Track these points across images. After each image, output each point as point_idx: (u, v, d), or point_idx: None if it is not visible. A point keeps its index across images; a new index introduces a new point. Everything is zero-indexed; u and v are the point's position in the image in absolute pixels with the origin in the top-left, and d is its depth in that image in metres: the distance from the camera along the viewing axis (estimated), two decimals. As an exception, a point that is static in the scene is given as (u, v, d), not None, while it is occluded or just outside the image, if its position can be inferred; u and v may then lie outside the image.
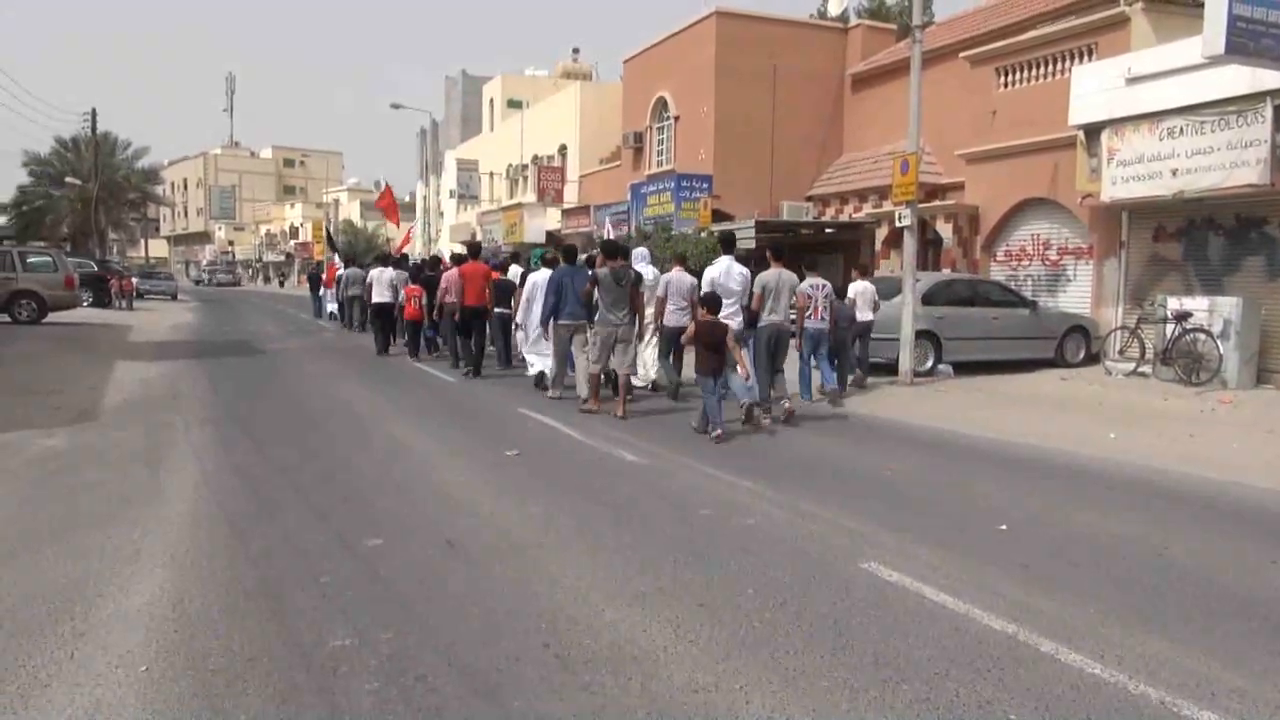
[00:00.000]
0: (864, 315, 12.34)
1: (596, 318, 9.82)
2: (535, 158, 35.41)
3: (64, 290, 21.55)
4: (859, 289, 12.60)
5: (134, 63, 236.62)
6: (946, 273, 16.81)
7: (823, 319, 10.62)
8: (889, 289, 13.89)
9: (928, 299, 13.40)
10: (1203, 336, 12.21)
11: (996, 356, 14.01)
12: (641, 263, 11.14)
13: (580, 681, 3.36)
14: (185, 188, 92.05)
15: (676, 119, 25.22)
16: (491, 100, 44.12)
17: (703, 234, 19.40)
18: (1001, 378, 13.41)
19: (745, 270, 9.68)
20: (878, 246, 20.33)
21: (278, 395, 11.11)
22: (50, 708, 3.13)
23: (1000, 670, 3.49)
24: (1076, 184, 14.75)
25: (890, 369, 13.04)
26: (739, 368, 8.57)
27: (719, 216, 21.56)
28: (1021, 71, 16.38)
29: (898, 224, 14.10)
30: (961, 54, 17.91)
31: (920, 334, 12.97)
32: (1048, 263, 16.28)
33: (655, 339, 11.02)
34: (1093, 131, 14.22)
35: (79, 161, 50.54)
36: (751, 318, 9.60)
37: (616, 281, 9.54)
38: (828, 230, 22.67)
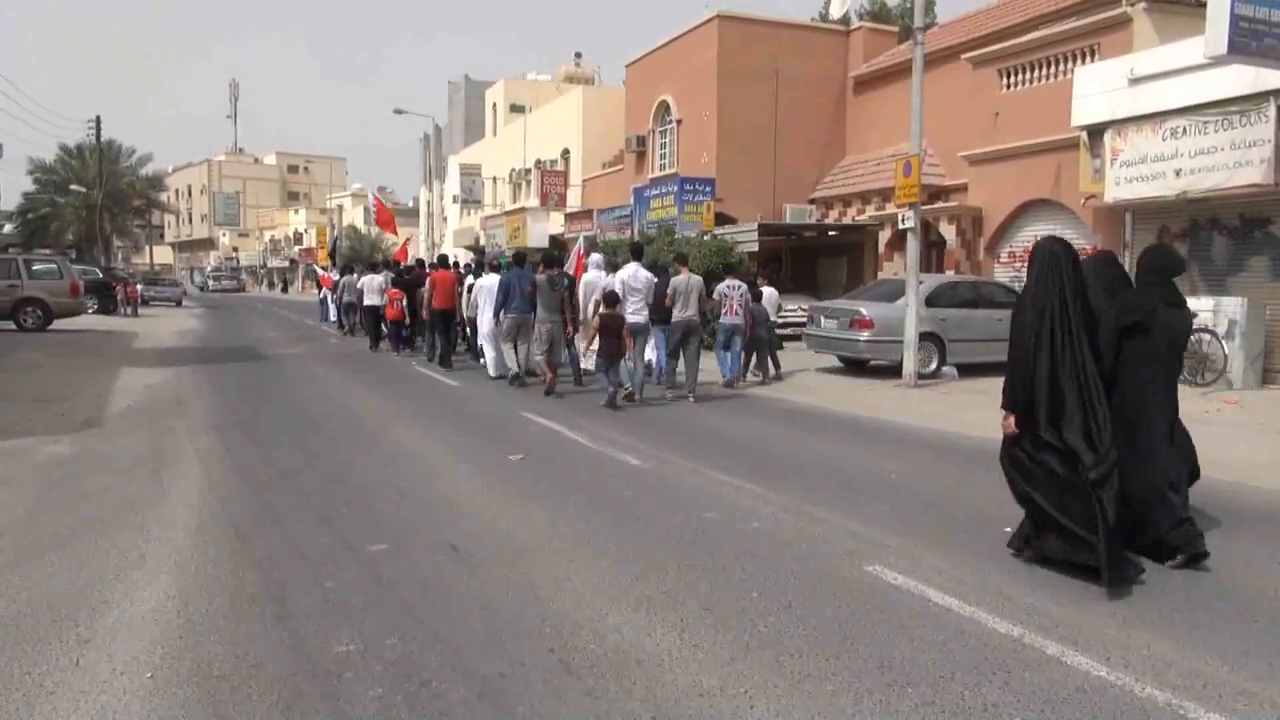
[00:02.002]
0: (773, 316, 13.77)
1: (536, 316, 11.52)
2: (538, 162, 35.44)
3: (69, 297, 21.61)
4: (770, 294, 14.00)
5: (138, 70, 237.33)
6: (950, 274, 16.77)
7: (737, 314, 12.34)
8: (892, 291, 13.88)
9: (931, 301, 13.38)
10: (1208, 337, 12.18)
11: (1001, 358, 13.89)
12: (594, 269, 12.47)
13: (584, 686, 3.36)
14: (189, 194, 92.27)
15: (679, 122, 25.25)
16: (494, 105, 44.20)
17: (706, 237, 19.40)
18: (1006, 379, 13.35)
19: (649, 274, 11.38)
20: (881, 249, 20.33)
21: (281, 400, 11.13)
22: (55, 715, 3.14)
23: (1006, 673, 3.48)
24: (1080, 185, 14.72)
25: (895, 371, 13.03)
26: (629, 354, 10.60)
27: (721, 219, 21.57)
28: (1024, 73, 16.37)
29: (901, 226, 14.10)
30: (964, 56, 17.90)
31: (924, 336, 12.95)
32: (1051, 264, 16.22)
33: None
34: (1096, 132, 14.20)
35: (83, 169, 50.75)
36: (665, 314, 11.27)
37: (551, 286, 11.30)
38: (831, 233, 22.68)
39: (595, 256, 12.99)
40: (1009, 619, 4.00)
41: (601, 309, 10.49)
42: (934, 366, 13.40)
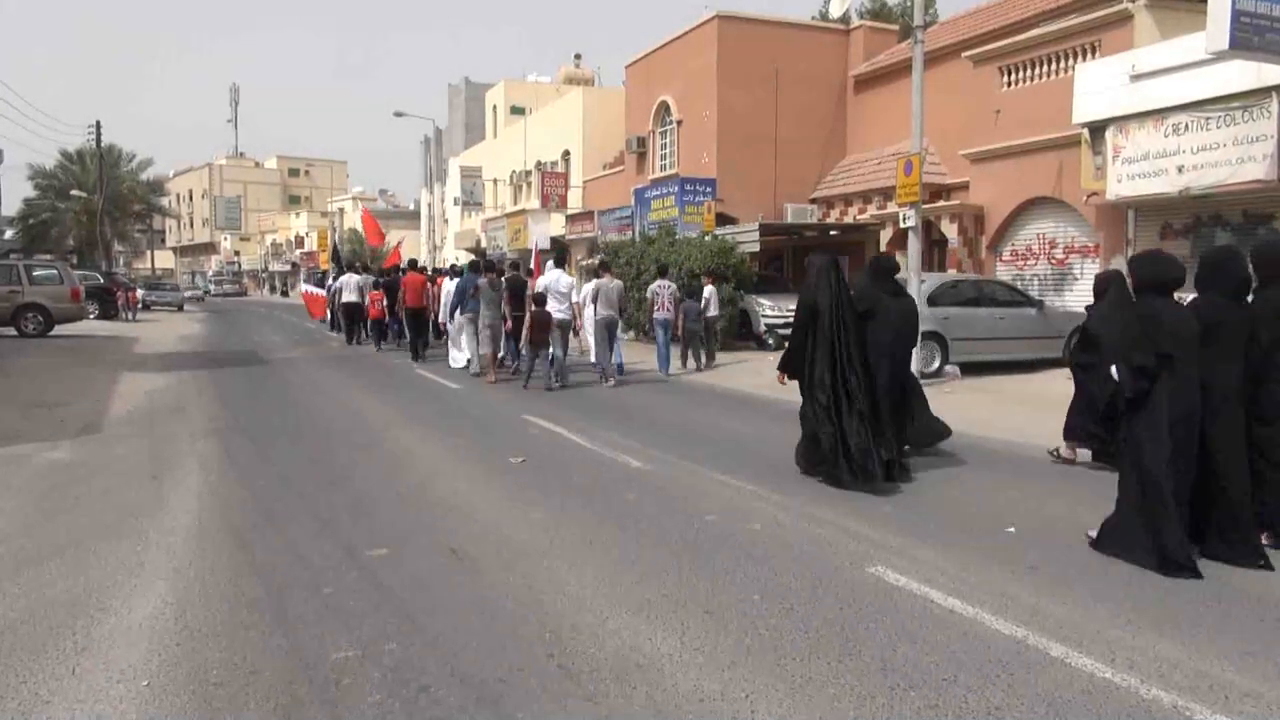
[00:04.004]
0: (712, 312, 15.40)
1: (479, 315, 13.21)
2: (539, 163, 35.39)
3: (70, 303, 21.61)
4: (710, 291, 15.44)
5: (138, 75, 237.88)
6: (952, 273, 16.74)
7: (668, 310, 14.36)
8: (894, 290, 13.82)
9: (933, 300, 13.34)
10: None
11: (1004, 357, 13.94)
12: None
13: (584, 691, 3.34)
14: (190, 199, 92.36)
15: (679, 123, 25.22)
16: (494, 107, 44.17)
17: (707, 238, 19.37)
18: (1009, 378, 13.34)
19: (571, 278, 13.33)
20: (883, 248, 20.26)
21: (282, 404, 11.11)
22: (51, 723, 3.12)
23: (1009, 675, 3.45)
24: (1082, 182, 14.69)
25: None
26: (560, 344, 12.63)
27: (723, 220, 21.53)
28: (1025, 70, 16.33)
29: (902, 225, 14.07)
30: (964, 53, 17.85)
31: (926, 335, 12.86)
32: (1054, 262, 16.21)
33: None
34: (1097, 129, 14.16)
35: (84, 174, 50.78)
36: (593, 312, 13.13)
37: (492, 289, 13.17)
38: (832, 233, 22.64)
39: (549, 263, 14.69)
40: (1012, 620, 3.98)
41: (531, 308, 12.42)
42: (936, 366, 13.37)
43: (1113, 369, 4.94)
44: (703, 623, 3.98)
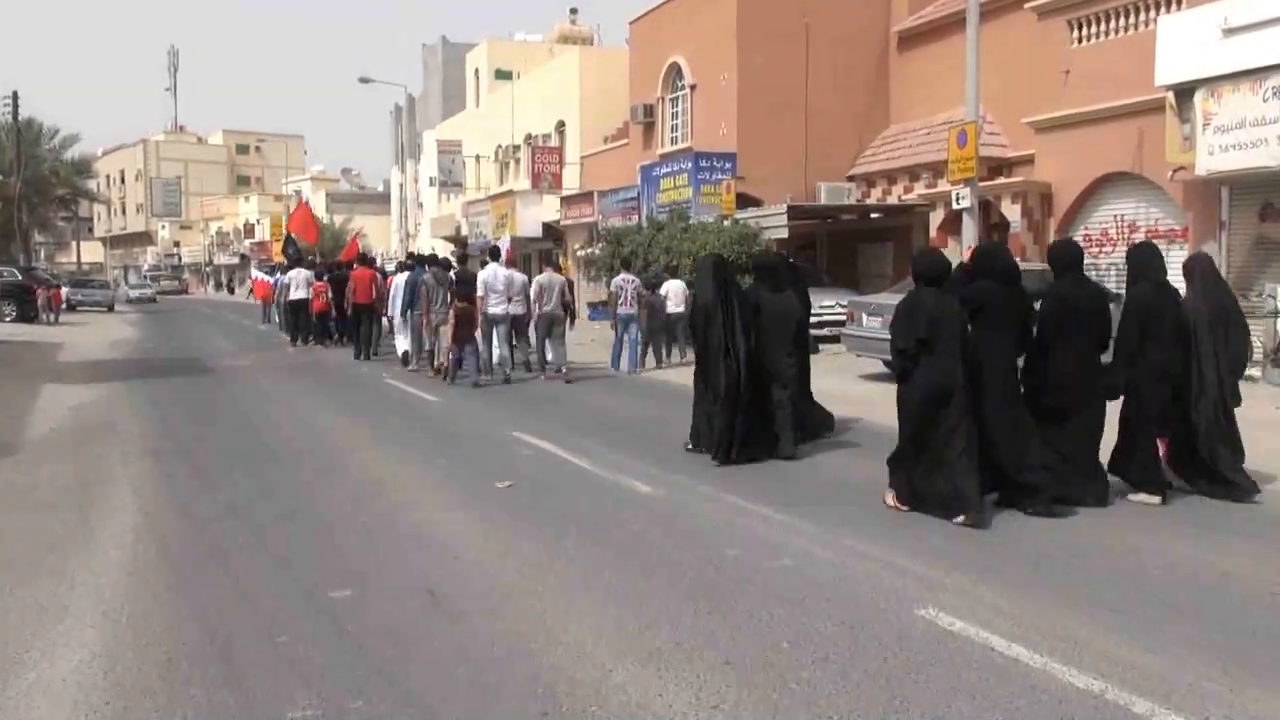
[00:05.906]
0: (675, 309, 16.40)
1: (425, 310, 14.93)
2: (529, 137, 35.52)
3: (-18, 304, 21.76)
4: (671, 286, 16.67)
5: (61, 38, 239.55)
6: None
7: (631, 306, 15.64)
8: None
9: (992, 294, 13.31)
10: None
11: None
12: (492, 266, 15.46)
13: (584, 756, 3.34)
14: (122, 180, 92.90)
15: (693, 88, 25.29)
16: (476, 71, 44.34)
17: (726, 223, 19.38)
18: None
19: (509, 273, 14.58)
20: (933, 233, 20.28)
21: (231, 420, 11.17)
22: (-40, 796, 3.13)
23: (1085, 736, 3.44)
24: (1166, 155, 14.66)
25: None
26: (486, 340, 14.28)
27: (745, 201, 21.57)
28: (1099, 23, 16.32)
29: (955, 206, 14.10)
30: (1027, 4, 17.87)
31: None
32: (1134, 248, 16.17)
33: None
34: (1184, 93, 14.13)
35: (-2, 153, 51.07)
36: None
37: (438, 283, 14.86)
38: (873, 215, 22.67)
39: (485, 257, 16.39)
40: (1088, 671, 3.96)
41: (456, 302, 13.81)
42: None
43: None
44: (722, 675, 3.97)
